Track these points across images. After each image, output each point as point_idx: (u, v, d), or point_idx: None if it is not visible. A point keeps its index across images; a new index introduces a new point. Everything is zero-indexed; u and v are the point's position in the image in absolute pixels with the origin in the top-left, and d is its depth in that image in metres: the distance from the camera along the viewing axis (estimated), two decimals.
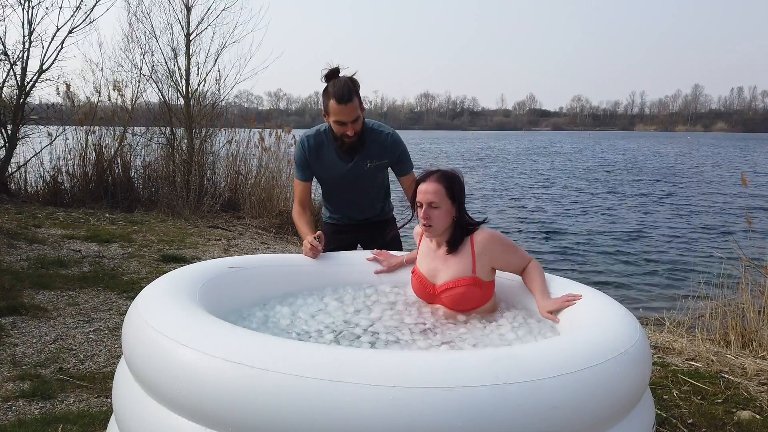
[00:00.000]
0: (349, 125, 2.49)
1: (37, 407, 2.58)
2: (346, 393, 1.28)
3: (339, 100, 2.42)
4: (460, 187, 2.15)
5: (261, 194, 8.52)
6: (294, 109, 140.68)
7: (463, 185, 2.18)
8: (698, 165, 27.83)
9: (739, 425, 2.62)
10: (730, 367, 3.30)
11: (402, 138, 2.77)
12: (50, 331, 3.50)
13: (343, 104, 2.43)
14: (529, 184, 18.77)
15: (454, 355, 1.46)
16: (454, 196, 2.12)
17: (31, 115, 8.22)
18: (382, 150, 2.70)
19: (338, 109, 2.44)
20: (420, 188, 2.13)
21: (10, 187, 8.19)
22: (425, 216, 2.10)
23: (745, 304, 3.92)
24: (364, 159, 2.68)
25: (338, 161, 2.68)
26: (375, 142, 2.67)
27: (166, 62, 8.53)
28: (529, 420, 1.31)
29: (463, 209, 2.15)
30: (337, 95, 2.42)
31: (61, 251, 5.37)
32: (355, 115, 2.48)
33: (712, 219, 11.89)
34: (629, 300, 6.12)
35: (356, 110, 2.48)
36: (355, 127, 2.52)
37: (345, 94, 2.42)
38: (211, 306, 1.85)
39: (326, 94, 2.48)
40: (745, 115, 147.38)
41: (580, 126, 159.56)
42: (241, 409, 1.33)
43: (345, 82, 2.44)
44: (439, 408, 1.26)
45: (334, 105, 2.44)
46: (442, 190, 2.09)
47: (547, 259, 8.28)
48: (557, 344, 1.52)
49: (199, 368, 1.40)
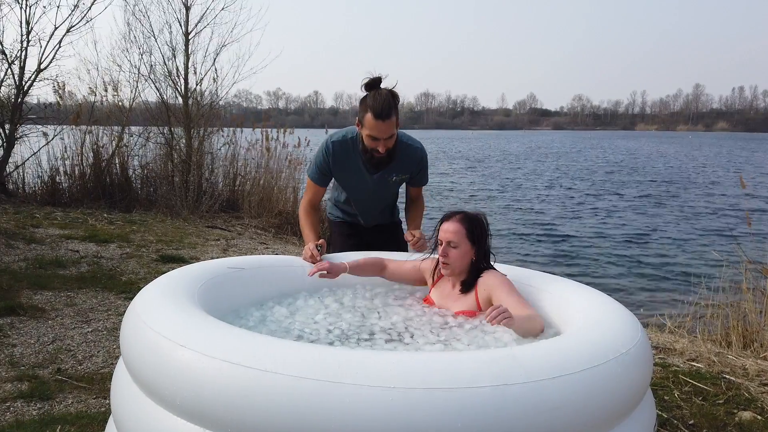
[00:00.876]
0: (382, 142, 2.39)
1: (35, 408, 2.57)
2: (345, 394, 1.27)
3: (377, 115, 2.30)
4: (481, 230, 2.17)
5: (260, 194, 8.51)
6: (293, 108, 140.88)
7: (486, 229, 2.19)
8: (700, 166, 27.84)
9: (740, 426, 2.61)
10: (732, 367, 3.29)
11: None
12: (48, 332, 3.49)
13: (380, 120, 2.31)
14: (529, 185, 18.77)
15: (453, 356, 1.45)
16: (474, 238, 2.15)
17: (29, 114, 8.21)
18: (410, 165, 2.64)
19: (374, 124, 2.32)
20: (443, 227, 2.17)
21: (8, 187, 8.17)
22: (443, 253, 2.15)
23: (746, 304, 3.91)
24: (390, 172, 2.61)
25: (363, 172, 2.59)
26: (406, 157, 2.59)
27: (164, 61, 8.53)
28: (529, 421, 1.30)
29: (482, 253, 2.18)
30: (376, 110, 2.30)
31: (59, 251, 5.36)
32: (391, 133, 2.38)
33: (715, 220, 11.89)
34: (630, 300, 6.12)
35: (392, 128, 2.37)
36: (388, 144, 2.42)
37: (384, 110, 2.30)
38: (210, 307, 1.84)
39: (363, 105, 2.36)
40: (747, 114, 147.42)
41: (580, 125, 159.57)
42: (239, 409, 1.32)
43: (386, 96, 2.32)
44: (439, 409, 1.26)
45: (370, 119, 2.32)
46: (463, 231, 2.14)
47: (547, 260, 8.27)
48: (558, 345, 1.51)
49: (198, 369, 1.39)
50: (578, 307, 1.92)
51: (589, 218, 12.01)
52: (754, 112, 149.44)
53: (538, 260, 8.27)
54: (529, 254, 8.68)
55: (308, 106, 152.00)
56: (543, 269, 2.19)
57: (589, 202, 14.56)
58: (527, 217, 11.95)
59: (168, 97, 8.65)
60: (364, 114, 2.36)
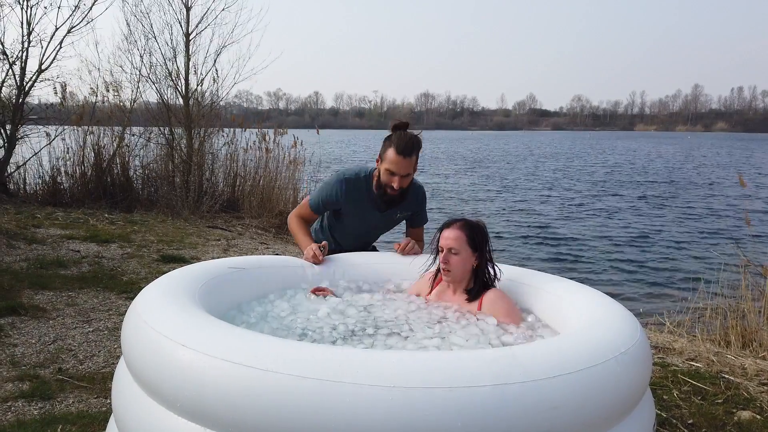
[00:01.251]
0: (398, 178, 2.51)
1: (36, 408, 2.58)
2: (346, 393, 1.27)
3: (399, 151, 2.46)
4: (482, 237, 2.20)
5: (260, 194, 8.51)
6: (293, 109, 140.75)
7: (486, 236, 2.22)
8: (700, 166, 27.83)
9: (739, 425, 2.62)
10: (731, 367, 3.29)
11: None
12: (49, 332, 3.49)
13: (401, 156, 2.46)
14: (528, 186, 18.76)
15: (453, 356, 1.46)
16: (475, 245, 2.17)
17: (30, 115, 8.22)
18: (415, 203, 2.77)
19: (395, 159, 2.47)
20: (443, 234, 2.20)
21: (9, 188, 8.18)
22: (444, 260, 2.18)
23: (745, 304, 3.92)
24: (395, 210, 2.75)
25: (372, 210, 2.71)
26: (412, 195, 2.72)
27: (165, 62, 8.54)
28: (529, 420, 1.31)
29: (485, 260, 2.20)
30: (400, 146, 2.46)
31: (61, 251, 5.37)
32: (408, 172, 2.52)
33: (714, 221, 11.89)
34: (629, 300, 6.12)
35: (411, 167, 2.52)
36: (402, 183, 2.54)
37: (407, 148, 2.46)
38: (211, 306, 1.85)
39: (388, 142, 2.52)
40: (746, 115, 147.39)
41: (580, 126, 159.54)
42: (240, 409, 1.33)
43: (411, 137, 2.49)
44: (439, 408, 1.26)
45: (392, 154, 2.47)
46: (464, 238, 2.16)
47: (545, 261, 8.28)
48: (557, 344, 1.52)
49: (199, 368, 1.40)
50: (577, 307, 1.92)
51: (589, 219, 12.01)
52: (753, 112, 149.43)
53: (536, 260, 8.28)
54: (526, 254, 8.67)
55: (308, 107, 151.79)
56: (542, 269, 2.20)
57: (588, 202, 14.56)
58: (526, 219, 11.94)
59: (169, 97, 8.67)
60: (386, 149, 2.51)
